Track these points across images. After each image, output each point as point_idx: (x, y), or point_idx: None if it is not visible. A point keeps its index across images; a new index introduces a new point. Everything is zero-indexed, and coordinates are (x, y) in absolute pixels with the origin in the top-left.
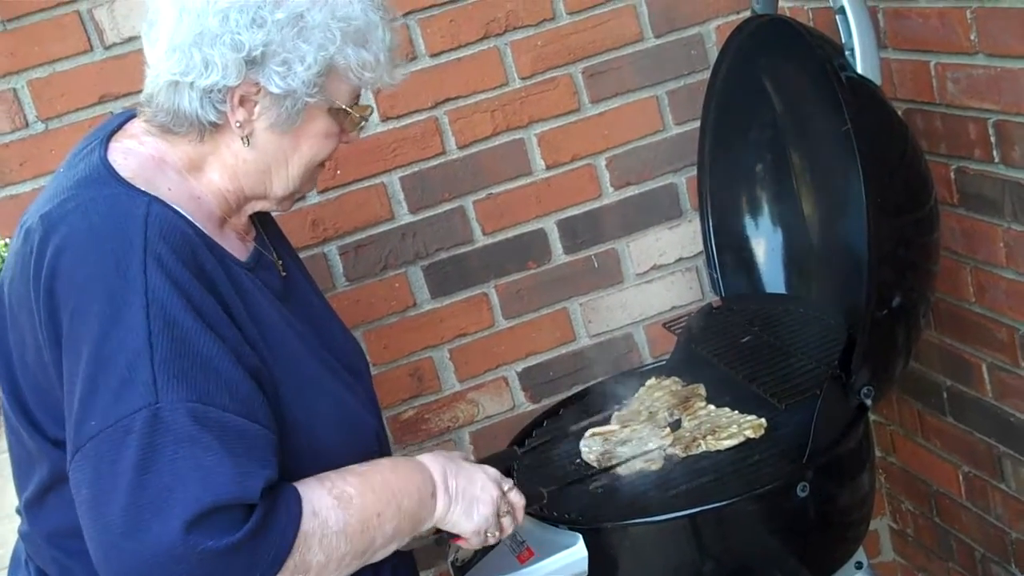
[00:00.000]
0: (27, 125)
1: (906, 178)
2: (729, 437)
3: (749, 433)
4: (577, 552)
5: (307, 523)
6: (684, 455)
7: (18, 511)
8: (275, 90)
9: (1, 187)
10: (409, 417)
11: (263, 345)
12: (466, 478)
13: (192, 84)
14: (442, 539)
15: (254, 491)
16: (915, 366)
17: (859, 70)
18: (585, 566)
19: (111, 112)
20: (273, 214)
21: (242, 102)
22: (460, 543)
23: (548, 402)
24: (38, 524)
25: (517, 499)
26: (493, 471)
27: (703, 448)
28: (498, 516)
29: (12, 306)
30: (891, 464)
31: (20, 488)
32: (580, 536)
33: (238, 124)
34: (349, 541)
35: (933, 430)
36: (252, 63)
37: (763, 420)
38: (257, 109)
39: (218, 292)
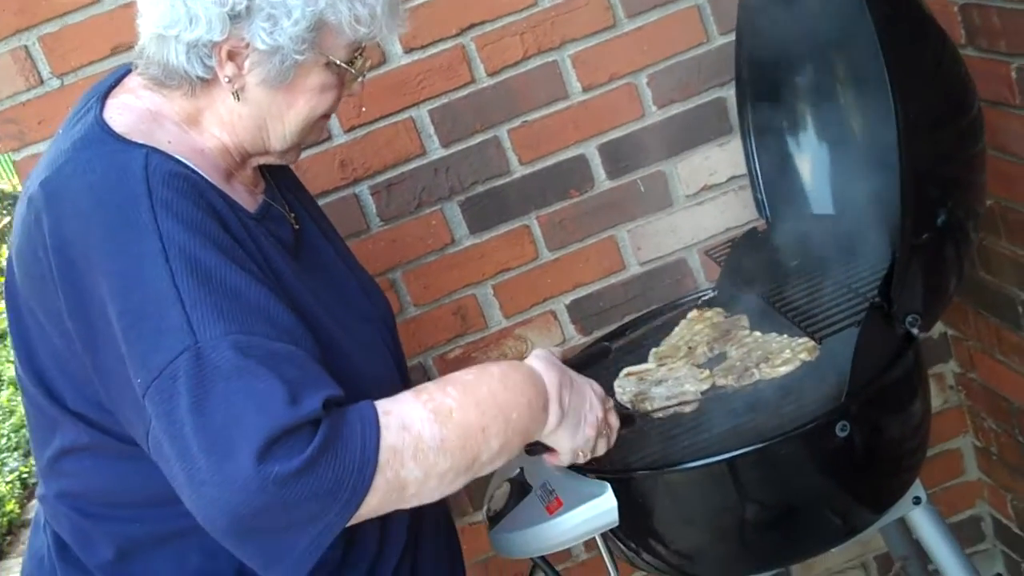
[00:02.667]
0: (42, 82)
1: (943, 88)
2: (784, 363)
3: (804, 356)
4: (606, 502)
5: (394, 436)
6: (738, 385)
7: (37, 475)
8: (262, 46)
9: (22, 147)
10: (456, 356)
11: (282, 293)
12: (579, 394)
13: (177, 37)
14: (535, 451)
15: (313, 407)
16: (988, 278)
17: None
18: (615, 515)
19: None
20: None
21: (231, 56)
22: (552, 458)
23: (599, 333)
24: (53, 486)
25: (615, 422)
26: (599, 389)
27: (757, 377)
28: (597, 437)
29: (22, 276)
30: (971, 380)
31: (37, 452)
32: (608, 485)
33: (227, 79)
34: (449, 456)
35: (1011, 345)
36: (237, 17)
37: (815, 343)
38: (246, 64)
39: (234, 234)
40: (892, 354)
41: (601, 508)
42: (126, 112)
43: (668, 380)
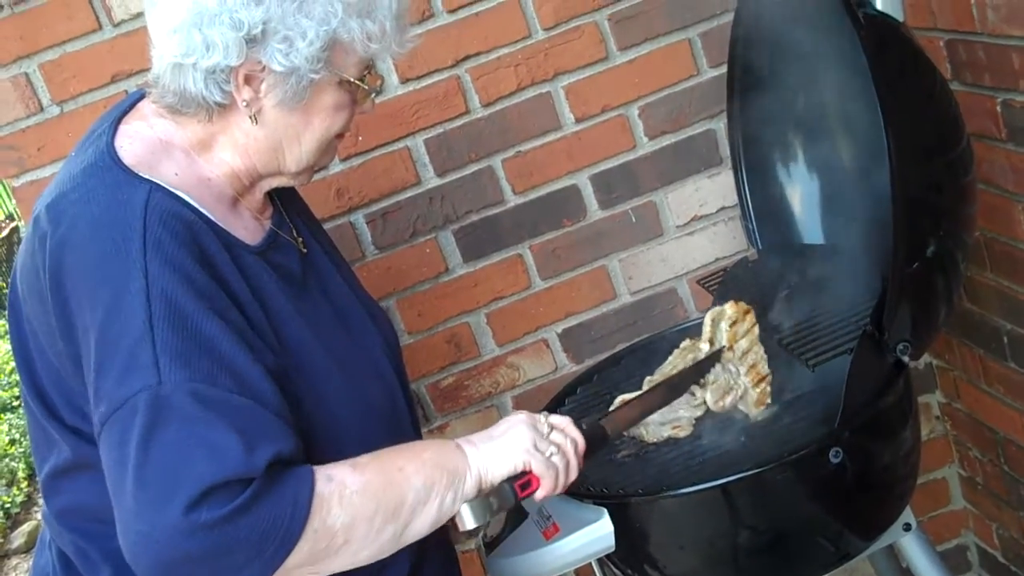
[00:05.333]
0: (42, 109)
1: (934, 119)
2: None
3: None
4: (603, 527)
5: (321, 486)
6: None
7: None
8: (278, 68)
9: (21, 173)
10: (449, 384)
11: (269, 331)
12: (485, 432)
13: (195, 65)
14: (520, 497)
15: (258, 466)
16: (973, 309)
17: (879, 6)
18: (611, 540)
19: (125, 91)
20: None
21: (247, 80)
22: (537, 492)
23: (591, 362)
24: (53, 504)
25: (557, 418)
26: (518, 414)
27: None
28: (545, 439)
29: (25, 293)
30: (957, 410)
31: (39, 470)
32: (605, 511)
33: (245, 103)
34: (374, 498)
35: (996, 375)
36: (253, 41)
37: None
38: (263, 87)
39: (222, 277)
40: (883, 382)
41: (598, 533)
42: (136, 141)
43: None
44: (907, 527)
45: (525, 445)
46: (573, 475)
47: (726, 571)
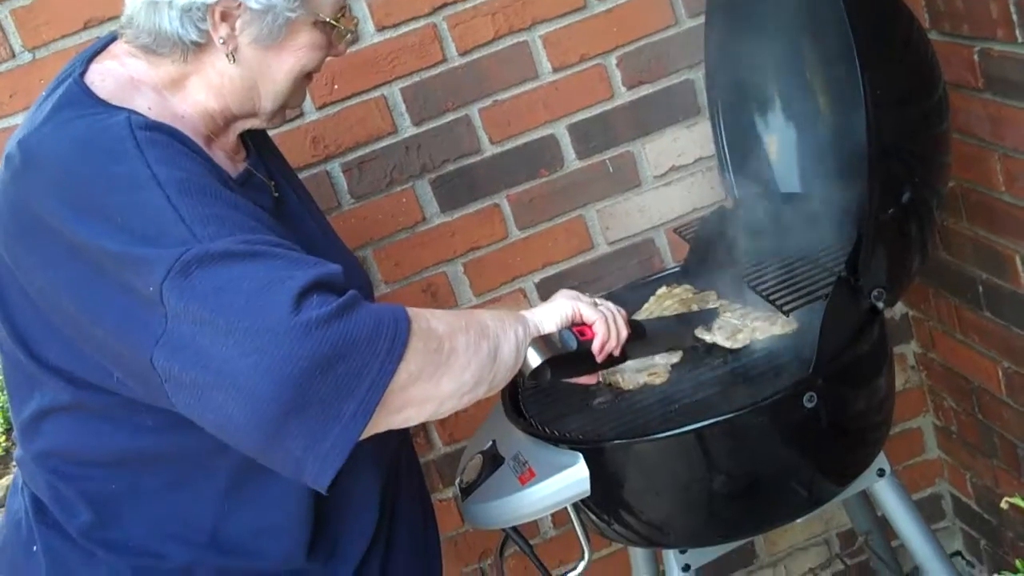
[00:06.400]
0: (14, 56)
1: (911, 67)
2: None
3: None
4: (578, 471)
5: (411, 309)
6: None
7: (15, 438)
8: (255, 5)
9: None
10: None
11: None
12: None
13: (170, 3)
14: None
15: (337, 270)
16: (948, 259)
17: None
18: (587, 486)
19: (98, 37)
20: (270, 133)
21: (224, 18)
22: (595, 341)
23: None
24: (31, 446)
25: (611, 304)
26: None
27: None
28: (590, 304)
29: (2, 235)
30: (931, 360)
31: (15, 413)
32: (580, 455)
33: (221, 41)
34: (459, 317)
35: (971, 325)
36: None
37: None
38: (239, 24)
39: (220, 175)
40: (858, 328)
41: (573, 478)
42: (108, 78)
43: None
44: (880, 472)
45: (572, 299)
46: (623, 332)
47: (701, 516)
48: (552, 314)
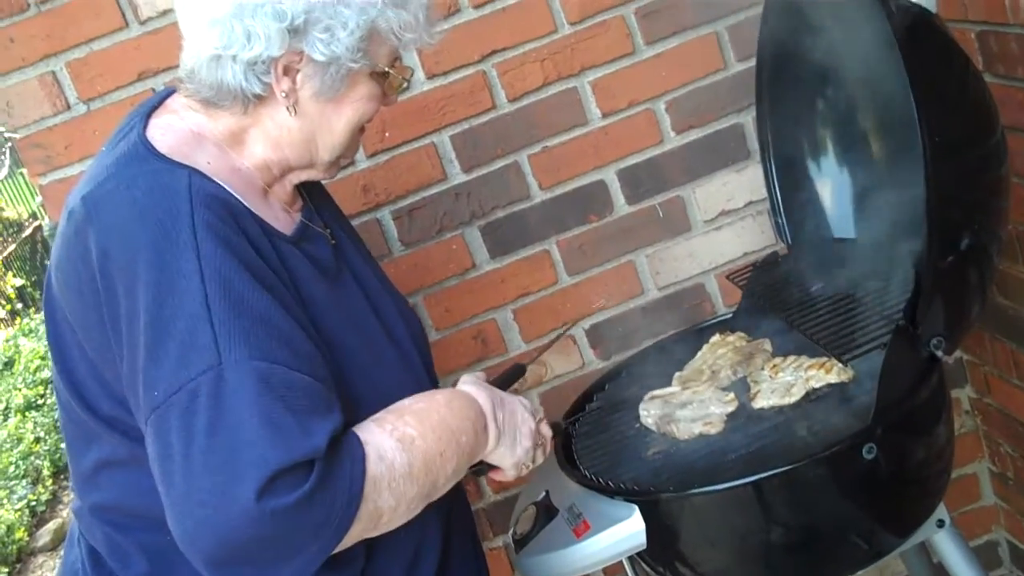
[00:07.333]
0: (69, 107)
1: (968, 111)
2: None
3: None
4: (634, 524)
5: (374, 467)
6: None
7: (72, 488)
8: (319, 57)
9: (48, 171)
10: None
11: (305, 318)
12: (510, 411)
13: (235, 57)
14: (481, 471)
15: (320, 446)
16: (1005, 303)
17: None
18: (643, 538)
19: (152, 89)
20: (323, 183)
21: (286, 71)
22: (497, 475)
23: (619, 358)
24: (88, 499)
25: (547, 431)
26: (527, 402)
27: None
28: (535, 448)
29: (62, 287)
30: (988, 405)
31: (73, 465)
32: (636, 507)
33: (283, 94)
34: (415, 482)
35: None
36: (295, 32)
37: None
38: (300, 77)
39: (265, 256)
40: (917, 377)
41: (629, 531)
42: (169, 132)
43: (693, 403)
44: (940, 523)
45: (527, 452)
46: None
47: (758, 569)
48: (503, 462)
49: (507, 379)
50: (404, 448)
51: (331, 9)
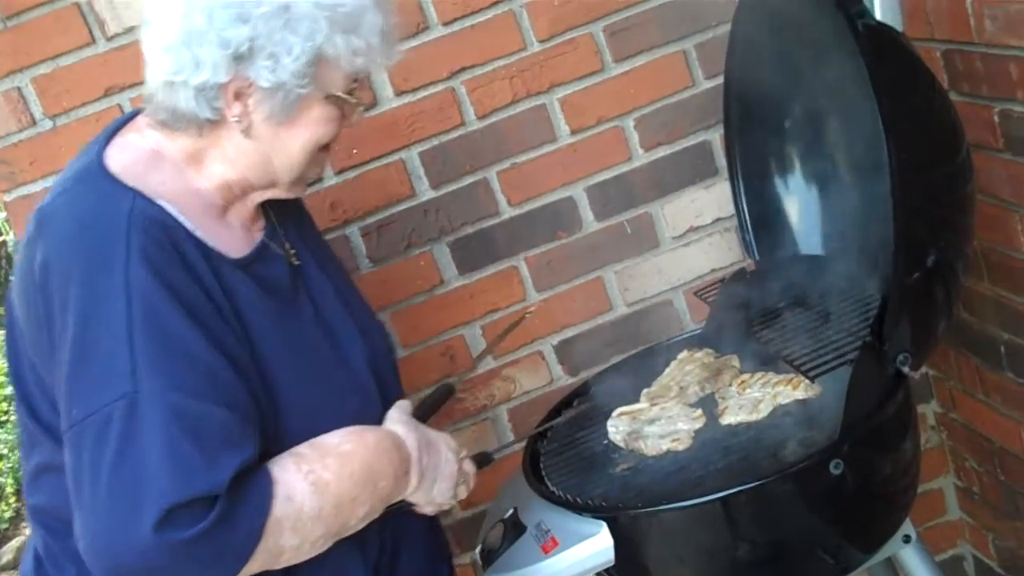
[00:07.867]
0: (35, 123)
1: (934, 130)
2: (791, 388)
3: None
4: (602, 540)
5: (280, 508)
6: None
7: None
8: (264, 84)
9: (13, 187)
10: None
11: (245, 342)
12: (435, 452)
13: (185, 83)
14: (401, 507)
15: (221, 483)
16: (969, 319)
17: (878, 16)
18: (611, 554)
19: (119, 105)
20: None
21: (237, 96)
22: (416, 508)
23: (587, 374)
24: (30, 500)
25: (470, 468)
26: (451, 441)
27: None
28: (455, 487)
29: (17, 294)
30: (952, 420)
31: (23, 468)
32: (604, 524)
33: (235, 119)
34: (323, 524)
35: (992, 385)
36: (240, 59)
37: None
38: (251, 102)
39: (201, 284)
40: (883, 393)
41: (597, 547)
42: (127, 151)
43: (661, 419)
44: (907, 539)
45: (445, 495)
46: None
47: None
48: (422, 503)
49: (436, 401)
50: (317, 492)
51: (276, 36)
